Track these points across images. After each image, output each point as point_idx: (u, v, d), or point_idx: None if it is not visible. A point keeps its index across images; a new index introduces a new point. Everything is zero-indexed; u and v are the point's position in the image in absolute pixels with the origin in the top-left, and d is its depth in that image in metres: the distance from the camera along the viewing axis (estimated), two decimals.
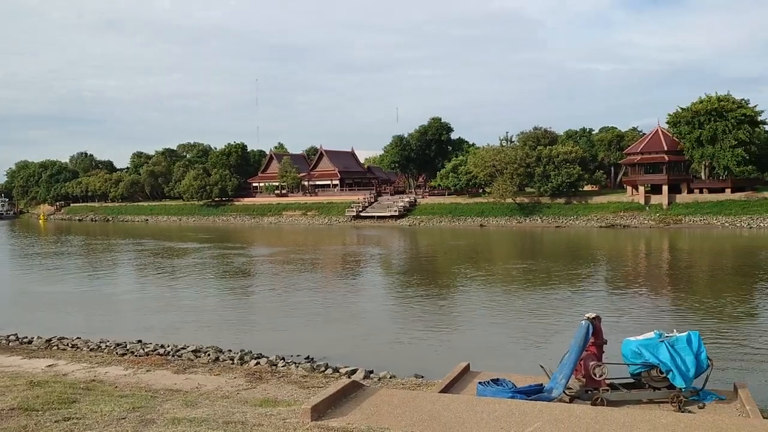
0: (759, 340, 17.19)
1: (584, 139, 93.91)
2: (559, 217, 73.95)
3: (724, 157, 68.83)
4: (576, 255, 41.80)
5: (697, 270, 34.28)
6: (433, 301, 24.52)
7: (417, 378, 12.90)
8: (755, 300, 23.98)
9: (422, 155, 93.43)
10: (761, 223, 62.31)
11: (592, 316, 8.81)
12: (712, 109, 69.03)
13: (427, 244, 54.69)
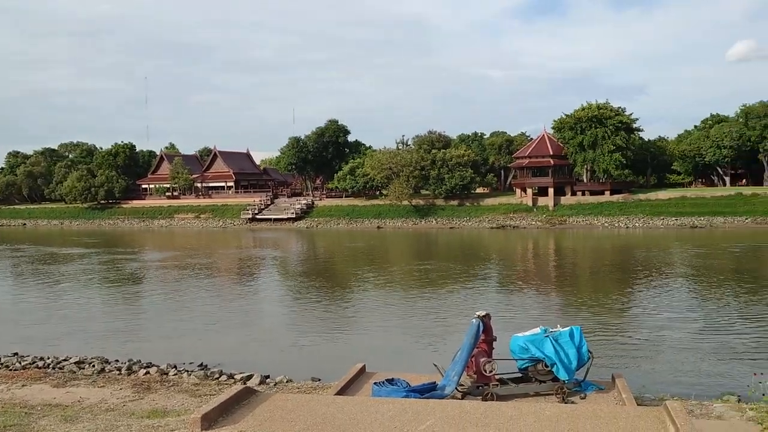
0: (635, 333, 18.41)
1: (476, 143, 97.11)
2: (453, 218, 76.01)
3: (603, 161, 73.38)
4: (469, 255, 43.13)
5: (580, 268, 36.30)
6: (332, 304, 24.49)
7: (314, 381, 12.81)
8: (632, 295, 25.65)
9: (319, 157, 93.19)
10: (636, 224, 67.03)
11: (482, 314, 9.11)
12: (592, 116, 73.48)
13: (325, 247, 54.58)
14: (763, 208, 65.91)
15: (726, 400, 10.65)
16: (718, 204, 68.27)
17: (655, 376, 13.88)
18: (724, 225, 63.92)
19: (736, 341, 16.91)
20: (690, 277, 29.95)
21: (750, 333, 17.96)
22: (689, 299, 24.02)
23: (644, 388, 11.58)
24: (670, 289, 26.39)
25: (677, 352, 15.97)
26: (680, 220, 66.08)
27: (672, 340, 17.19)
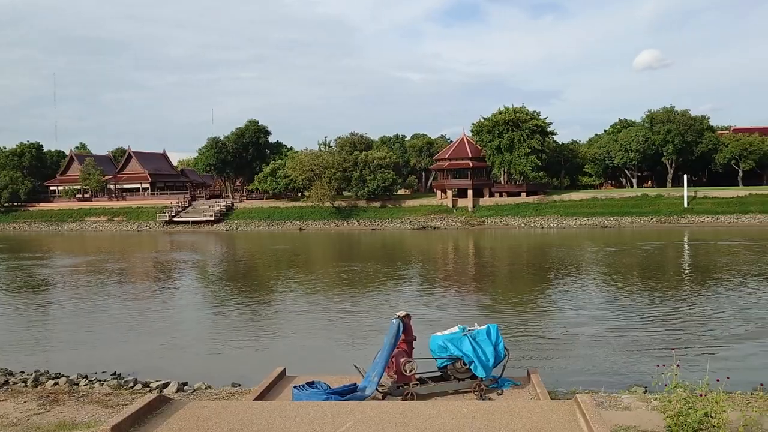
0: (550, 330, 19.05)
1: (398, 146, 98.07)
2: (375, 219, 76.41)
3: (520, 164, 75.70)
4: (391, 256, 43.47)
5: (498, 267, 37.25)
6: (253, 308, 24.08)
7: (233, 387, 12.56)
8: (547, 293, 26.55)
9: (239, 158, 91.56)
10: (551, 224, 69.54)
11: (402, 314, 9.18)
12: (509, 120, 75.67)
13: (245, 249, 53.64)
14: (666, 209, 69.83)
15: (633, 392, 11.19)
16: (626, 204, 71.81)
17: (569, 370, 14.40)
18: (631, 225, 67.26)
19: (644, 335, 17.78)
20: (601, 275, 31.31)
21: (656, 327, 18.92)
22: (601, 296, 25.09)
23: (558, 383, 12.01)
24: (583, 286, 27.49)
25: (590, 347, 16.63)
26: (592, 220, 69.05)
27: (585, 335, 17.90)
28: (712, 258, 37.49)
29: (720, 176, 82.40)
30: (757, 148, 77.74)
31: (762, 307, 21.55)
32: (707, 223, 66.26)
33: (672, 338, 17.22)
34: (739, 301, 22.63)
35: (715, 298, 23.82)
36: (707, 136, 78.53)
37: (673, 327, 18.78)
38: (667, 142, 77.26)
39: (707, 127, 79.96)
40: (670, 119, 77.77)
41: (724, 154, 78.19)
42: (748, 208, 68.23)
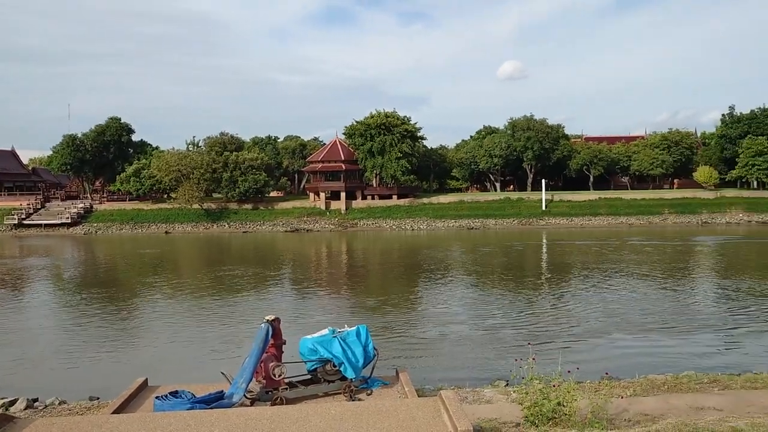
0: (420, 329, 19.55)
1: (270, 147, 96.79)
2: (247, 222, 74.89)
3: (391, 167, 77.28)
4: (263, 259, 42.74)
5: (370, 269, 37.75)
6: (114, 316, 22.70)
7: (91, 401, 11.79)
8: (418, 293, 27.25)
9: (100, 157, 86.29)
10: (421, 226, 71.59)
11: (271, 318, 9.04)
12: (381, 124, 77.05)
13: (106, 254, 50.53)
14: (527, 211, 74.13)
15: (496, 386, 11.74)
16: (491, 207, 75.45)
17: (437, 368, 14.84)
18: (495, 226, 70.73)
19: (508, 331, 18.71)
20: (469, 275, 32.60)
21: (519, 323, 19.98)
22: (468, 295, 26.12)
23: (425, 380, 12.35)
24: (452, 286, 28.48)
25: (457, 344, 17.25)
26: (459, 222, 71.88)
27: (453, 333, 18.54)
28: (568, 257, 40.22)
29: (574, 181, 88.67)
30: (605, 156, 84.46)
31: (611, 302, 23.40)
32: (563, 224, 71.05)
33: (532, 333, 18.25)
34: (591, 298, 24.43)
35: (570, 294, 25.56)
36: (562, 143, 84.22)
37: (533, 322, 19.92)
38: (527, 148, 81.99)
39: (562, 135, 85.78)
40: (530, 127, 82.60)
41: (577, 160, 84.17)
42: (598, 210, 74.04)
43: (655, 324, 19.31)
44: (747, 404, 8.96)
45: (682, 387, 10.46)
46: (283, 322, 9.47)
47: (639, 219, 71.80)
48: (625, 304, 22.86)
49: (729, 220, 71.33)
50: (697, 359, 14.94)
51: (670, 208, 74.36)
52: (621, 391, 9.92)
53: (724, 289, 26.09)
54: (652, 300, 23.64)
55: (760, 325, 18.97)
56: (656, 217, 72.44)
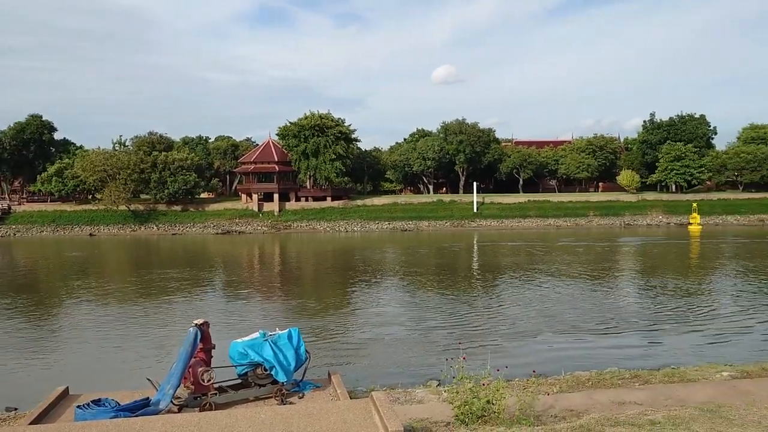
0: (355, 330, 19.55)
1: (201, 147, 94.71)
2: (176, 224, 73.04)
3: (325, 169, 77.05)
4: (193, 262, 41.75)
5: (304, 271, 37.49)
6: (36, 323, 21.68)
7: (8, 411, 11.23)
8: (353, 294, 27.23)
9: (18, 156, 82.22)
10: (355, 227, 71.66)
11: (200, 322, 8.82)
12: (315, 125, 76.68)
13: (26, 258, 48.21)
14: (459, 213, 75.32)
15: (428, 386, 11.83)
16: (424, 209, 76.27)
17: (371, 369, 14.86)
18: (428, 228, 71.55)
19: (442, 331, 18.93)
20: (403, 276, 32.81)
21: (452, 323, 20.24)
22: (402, 296, 26.29)
23: (358, 382, 12.33)
24: (386, 287, 28.61)
25: (391, 345, 17.32)
26: (393, 224, 72.34)
27: (387, 335, 18.60)
28: (500, 258, 41.08)
29: (504, 184, 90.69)
30: (534, 159, 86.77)
31: (541, 302, 24.03)
32: (494, 226, 72.54)
33: (465, 333, 18.52)
34: (523, 298, 25.02)
35: (502, 295, 26.11)
36: (493, 147, 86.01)
37: (466, 323, 20.22)
38: (459, 151, 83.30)
39: (493, 139, 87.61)
40: (462, 131, 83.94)
41: (507, 164, 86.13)
42: (527, 212, 76.00)
43: (583, 323, 19.95)
44: (665, 397, 9.36)
45: (606, 382, 10.83)
46: (214, 326, 9.27)
47: (566, 221, 74.10)
48: (555, 303, 23.52)
49: (649, 221, 74.53)
50: (621, 355, 15.52)
51: (595, 210, 77.08)
52: (548, 388, 10.19)
53: (647, 289, 27.25)
54: (580, 300, 24.42)
55: (679, 323, 19.89)
56: (582, 219, 74.94)
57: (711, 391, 9.82)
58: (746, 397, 9.24)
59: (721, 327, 19.05)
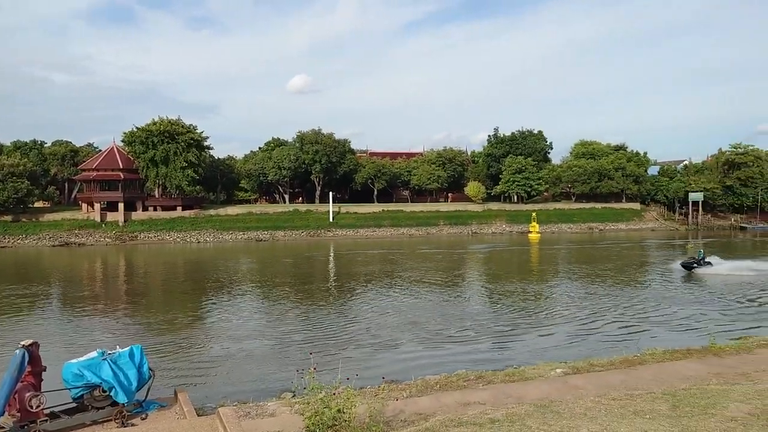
0: (206, 345, 18.86)
1: (35, 152, 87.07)
2: (6, 236, 66.46)
3: (176, 177, 73.91)
4: (25, 277, 38.18)
5: (152, 285, 35.62)
6: None
7: None
8: (204, 309, 26.23)
9: None
10: (207, 238, 69.31)
11: (28, 343, 8.10)
12: (164, 131, 73.36)
13: None
14: (315, 223, 75.44)
15: (282, 398, 11.69)
16: (280, 219, 75.54)
17: (224, 385, 14.42)
18: (284, 238, 70.93)
19: (298, 343, 18.77)
20: (257, 287, 32.20)
21: (308, 334, 20.14)
22: (256, 308, 25.77)
23: (207, 399, 11.92)
24: (240, 299, 27.90)
25: (245, 359, 16.91)
26: (247, 234, 70.87)
27: (240, 348, 18.14)
28: (357, 266, 41.60)
29: (360, 194, 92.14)
30: (388, 170, 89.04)
31: (397, 309, 24.60)
32: (349, 235, 73.40)
33: (321, 343, 18.51)
34: (378, 305, 25.48)
35: (358, 303, 26.44)
36: (349, 157, 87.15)
37: (321, 333, 20.23)
38: (315, 161, 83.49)
39: (349, 149, 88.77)
40: (318, 141, 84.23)
41: (362, 174, 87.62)
42: (381, 222, 77.77)
43: (438, 328, 20.69)
44: (506, 396, 9.94)
45: (453, 385, 11.31)
46: (50, 346, 8.56)
47: (418, 230, 76.69)
48: (411, 310, 24.20)
49: (494, 230, 79.10)
50: (473, 359, 16.25)
51: (445, 219, 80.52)
52: (398, 394, 10.44)
53: (496, 294, 28.87)
54: (433, 306, 25.32)
55: (524, 326, 21.25)
56: (433, 228, 77.96)
57: (546, 388, 10.57)
58: (576, 391, 10.06)
59: (568, 329, 20.61)
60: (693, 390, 9.25)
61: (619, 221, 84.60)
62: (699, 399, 8.51)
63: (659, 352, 13.24)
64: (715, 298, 26.41)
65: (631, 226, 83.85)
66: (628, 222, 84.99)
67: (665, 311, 23.54)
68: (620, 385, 10.35)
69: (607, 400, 8.69)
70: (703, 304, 25.09)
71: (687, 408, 8.00)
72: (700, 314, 22.80)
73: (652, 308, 24.17)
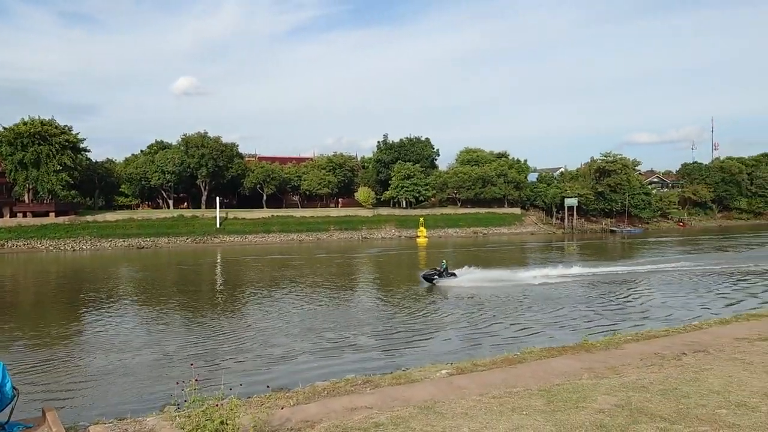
0: (78, 361, 17.77)
1: None
2: None
3: (48, 181, 69.20)
4: None
5: (20, 296, 33.14)
6: None
7: None
8: (76, 323, 24.70)
9: None
10: (84, 246, 65.34)
11: None
12: (35, 133, 68.50)
13: None
14: (201, 229, 73.14)
15: (166, 411, 11.20)
16: (163, 225, 72.57)
17: (101, 401, 13.69)
18: (168, 245, 68.21)
19: (181, 355, 18.07)
20: (137, 298, 30.75)
21: (192, 345, 19.46)
22: (136, 320, 24.60)
23: (80, 417, 11.24)
24: (118, 312, 26.50)
25: (124, 373, 16.10)
26: (128, 241, 67.53)
27: (118, 362, 17.27)
28: (247, 273, 40.71)
29: (248, 199, 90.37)
30: (278, 175, 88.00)
31: (287, 316, 24.30)
32: (237, 242, 71.79)
33: (206, 354, 17.95)
34: (266, 313, 25.06)
35: (246, 311, 25.87)
36: (237, 162, 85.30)
37: (208, 343, 19.63)
38: (201, 165, 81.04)
39: (237, 153, 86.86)
40: (204, 144, 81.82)
41: (251, 179, 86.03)
42: (271, 228, 76.65)
43: (328, 334, 20.62)
44: (392, 399, 10.06)
45: (341, 390, 11.31)
46: None
47: (309, 235, 76.30)
48: (301, 317, 23.98)
49: (384, 235, 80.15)
50: (363, 366, 16.33)
51: (335, 224, 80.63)
52: (285, 402, 10.31)
53: (389, 298, 29.19)
54: (326, 312, 25.23)
55: (417, 328, 21.64)
56: (324, 233, 77.85)
57: (432, 389, 10.80)
58: (459, 391, 10.36)
59: (459, 331, 21.18)
60: (566, 385, 9.79)
61: (501, 225, 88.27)
62: (571, 393, 9.02)
63: (537, 350, 13.90)
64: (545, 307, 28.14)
65: (513, 230, 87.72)
66: (510, 226, 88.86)
67: (549, 311, 24.81)
68: (501, 383, 10.77)
69: (488, 399, 9.03)
70: (582, 304, 26.71)
71: (560, 403, 8.45)
72: (576, 313, 24.23)
73: (536, 308, 25.40)
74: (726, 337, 13.96)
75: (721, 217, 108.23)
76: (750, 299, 27.77)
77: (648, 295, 29.39)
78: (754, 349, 12.15)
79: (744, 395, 8.50)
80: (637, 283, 33.74)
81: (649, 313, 24.49)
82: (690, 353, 12.24)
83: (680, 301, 27.51)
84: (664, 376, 10.02)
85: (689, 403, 8.14)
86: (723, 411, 7.74)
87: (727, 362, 10.95)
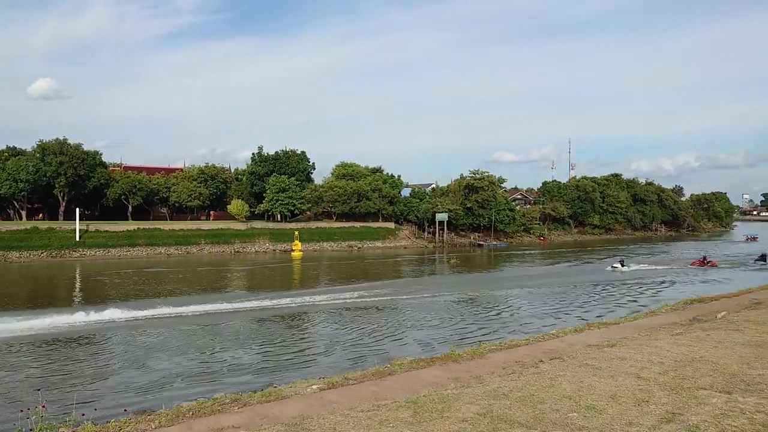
0: None
1: None
2: None
3: None
4: None
5: None
6: None
7: None
8: None
9: None
10: None
11: None
12: None
13: None
14: (58, 242, 68.11)
15: None
16: (14, 238, 66.83)
17: None
18: (20, 259, 62.93)
19: (33, 379, 16.66)
20: None
21: (42, 366, 18.01)
22: None
23: None
24: None
25: None
26: None
27: None
28: (104, 291, 38.29)
29: (113, 211, 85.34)
30: (145, 186, 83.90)
31: (146, 337, 23.11)
32: (99, 256, 67.57)
33: (61, 378, 16.67)
34: (124, 332, 23.71)
35: (100, 331, 24.34)
36: (99, 171, 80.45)
37: (62, 365, 18.23)
38: (59, 174, 75.66)
39: (100, 162, 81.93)
40: (63, 151, 76.48)
41: (115, 189, 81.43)
42: (136, 241, 72.82)
43: (195, 353, 19.84)
44: (261, 417, 9.84)
45: (207, 410, 10.89)
46: None
47: (178, 249, 73.30)
48: (166, 335, 22.92)
49: (258, 248, 78.64)
50: (235, 381, 15.85)
51: (206, 238, 78.02)
52: (146, 425, 9.78)
53: (260, 315, 28.57)
54: (194, 329, 24.28)
55: (290, 342, 21.32)
56: (194, 247, 75.09)
57: (302, 405, 10.68)
58: (330, 406, 10.32)
59: (334, 344, 21.07)
60: (432, 395, 10.05)
61: (376, 239, 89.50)
62: (437, 404, 9.27)
63: (407, 362, 14.17)
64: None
65: (387, 243, 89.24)
66: (384, 240, 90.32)
67: (419, 322, 25.40)
68: (371, 396, 10.85)
69: (357, 413, 9.07)
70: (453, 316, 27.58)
71: (426, 413, 8.66)
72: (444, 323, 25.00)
73: (408, 319, 25.92)
74: (579, 345, 14.98)
75: (577, 232, 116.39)
76: (598, 308, 30.06)
77: (516, 307, 30.96)
78: (602, 355, 13.11)
79: (592, 399, 9.14)
80: (506, 297, 35.44)
81: (513, 322, 25.79)
82: (547, 360, 12.99)
83: (542, 310, 29.24)
84: (523, 383, 10.56)
85: (545, 408, 8.62)
86: (574, 415, 8.27)
87: (579, 368, 11.73)
